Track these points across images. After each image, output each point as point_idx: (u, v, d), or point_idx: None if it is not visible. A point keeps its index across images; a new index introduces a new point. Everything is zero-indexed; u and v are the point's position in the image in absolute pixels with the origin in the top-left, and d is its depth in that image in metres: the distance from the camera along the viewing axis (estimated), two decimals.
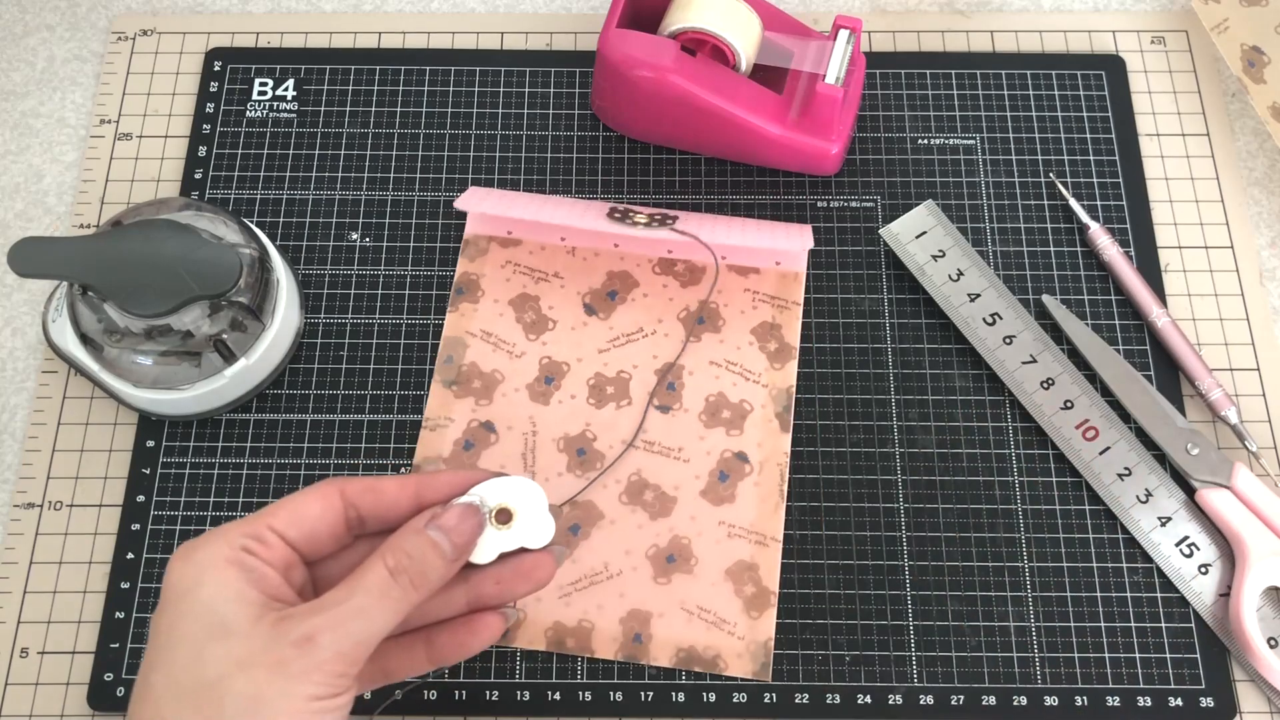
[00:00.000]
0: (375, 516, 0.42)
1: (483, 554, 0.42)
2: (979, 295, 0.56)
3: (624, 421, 0.54)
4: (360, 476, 0.42)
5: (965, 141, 0.60)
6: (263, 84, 0.62)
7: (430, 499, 0.42)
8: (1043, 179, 0.59)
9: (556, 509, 0.44)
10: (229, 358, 0.52)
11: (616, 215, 0.56)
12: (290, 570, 0.40)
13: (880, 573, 0.52)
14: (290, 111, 0.61)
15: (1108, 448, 0.53)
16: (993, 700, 0.50)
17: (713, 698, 0.50)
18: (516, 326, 0.56)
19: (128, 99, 0.62)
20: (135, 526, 0.53)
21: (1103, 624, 0.51)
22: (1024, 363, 0.55)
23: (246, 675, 0.36)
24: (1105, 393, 0.55)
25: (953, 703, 0.50)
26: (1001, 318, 0.55)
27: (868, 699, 0.50)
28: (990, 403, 0.55)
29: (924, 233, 0.57)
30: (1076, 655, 0.51)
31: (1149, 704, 0.50)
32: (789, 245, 0.56)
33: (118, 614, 0.51)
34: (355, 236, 0.58)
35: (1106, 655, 0.51)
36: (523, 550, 0.43)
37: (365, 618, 0.37)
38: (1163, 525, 0.52)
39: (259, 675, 0.36)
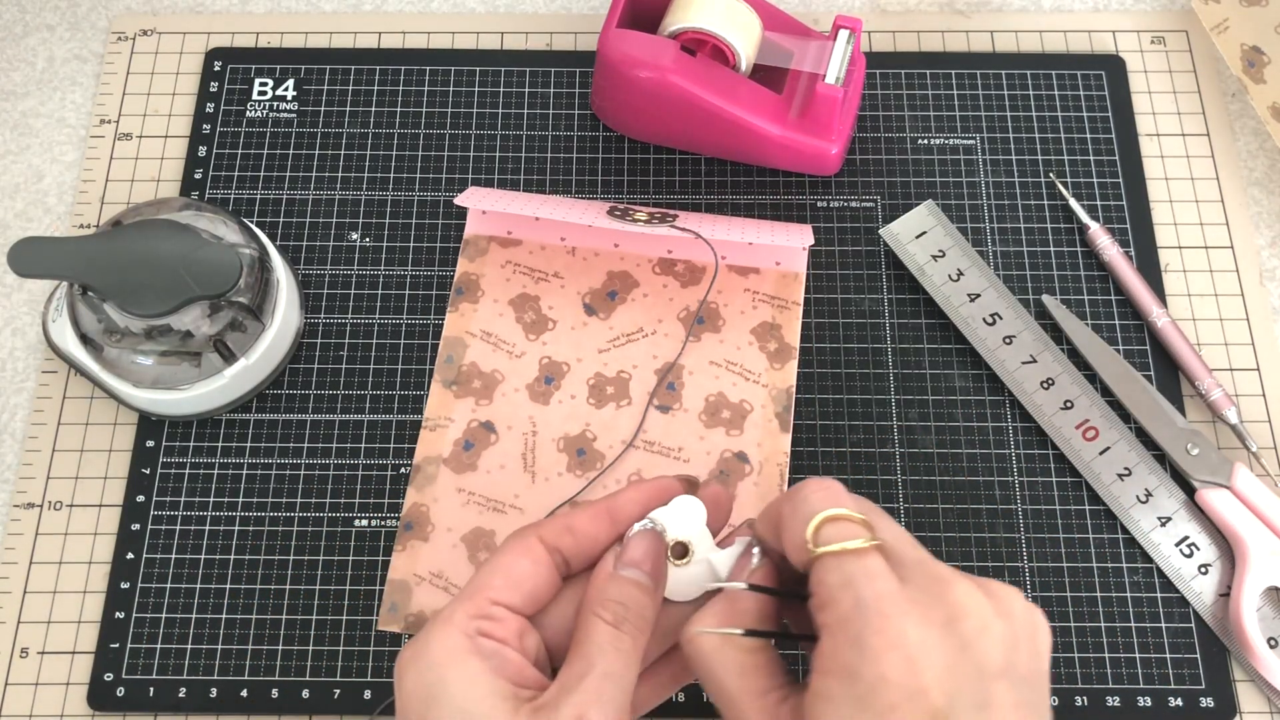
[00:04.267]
0: (577, 555, 0.40)
1: (683, 591, 0.39)
2: (979, 295, 0.56)
3: (624, 421, 0.54)
4: (546, 520, 0.40)
5: (965, 141, 0.60)
6: (263, 84, 0.62)
7: (624, 519, 0.40)
8: (1043, 179, 0.59)
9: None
10: (229, 358, 0.52)
11: (617, 214, 0.56)
12: (524, 639, 0.38)
13: None
14: (290, 111, 0.61)
15: (1108, 448, 0.53)
16: None
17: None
18: (516, 326, 0.56)
19: (128, 99, 0.62)
20: (135, 526, 0.53)
21: (1103, 624, 0.51)
22: (1024, 363, 0.55)
23: None
24: (1105, 393, 0.55)
25: None
26: (1001, 318, 0.55)
27: None
28: (990, 403, 0.55)
29: (924, 233, 0.57)
30: (1076, 655, 0.51)
31: (1149, 704, 0.50)
32: (789, 245, 0.56)
33: (118, 614, 0.51)
34: (355, 236, 0.58)
35: (1106, 655, 0.51)
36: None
37: (614, 679, 0.36)
38: (1163, 525, 0.52)
39: None
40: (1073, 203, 0.58)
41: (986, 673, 0.33)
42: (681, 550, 0.39)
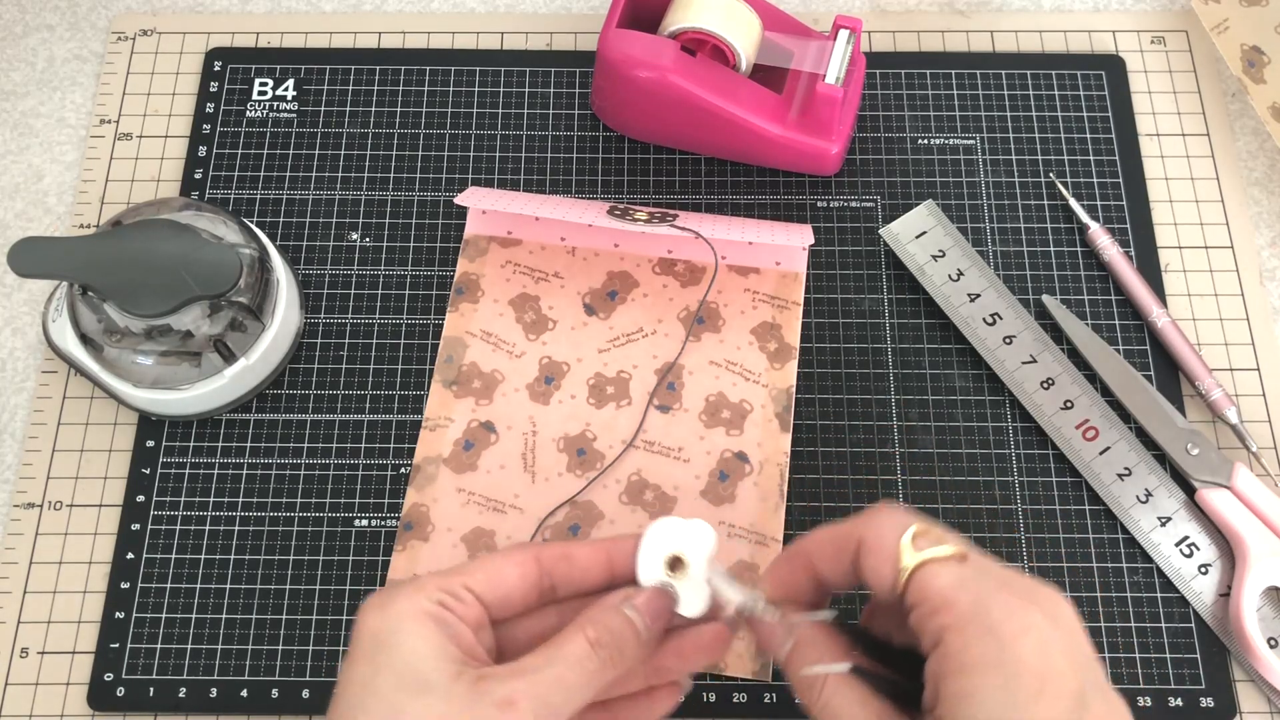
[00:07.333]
0: (568, 583, 0.41)
1: (695, 607, 0.40)
2: (979, 295, 0.56)
3: (624, 421, 0.54)
4: (552, 543, 0.42)
5: (965, 141, 0.60)
6: (263, 84, 0.62)
7: (621, 562, 0.41)
8: (1043, 179, 0.59)
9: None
10: (229, 358, 0.52)
11: (617, 213, 0.56)
12: (480, 631, 0.39)
13: None
14: (290, 111, 0.61)
15: (1108, 448, 0.53)
16: None
17: (713, 698, 0.50)
18: (516, 326, 0.56)
19: (128, 99, 0.62)
20: (135, 526, 0.53)
21: (1103, 624, 0.51)
22: (1024, 363, 0.55)
23: None
24: (1105, 393, 0.55)
25: None
26: (1001, 318, 0.55)
27: None
28: (990, 403, 0.55)
29: (924, 233, 0.57)
30: None
31: (1149, 704, 0.50)
32: (789, 244, 0.56)
33: (118, 614, 0.51)
34: (355, 236, 0.58)
35: (1106, 655, 0.51)
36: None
37: (564, 687, 0.37)
38: (1163, 525, 0.52)
39: None
40: (1073, 203, 0.58)
41: (1092, 659, 0.35)
42: (674, 563, 0.40)
